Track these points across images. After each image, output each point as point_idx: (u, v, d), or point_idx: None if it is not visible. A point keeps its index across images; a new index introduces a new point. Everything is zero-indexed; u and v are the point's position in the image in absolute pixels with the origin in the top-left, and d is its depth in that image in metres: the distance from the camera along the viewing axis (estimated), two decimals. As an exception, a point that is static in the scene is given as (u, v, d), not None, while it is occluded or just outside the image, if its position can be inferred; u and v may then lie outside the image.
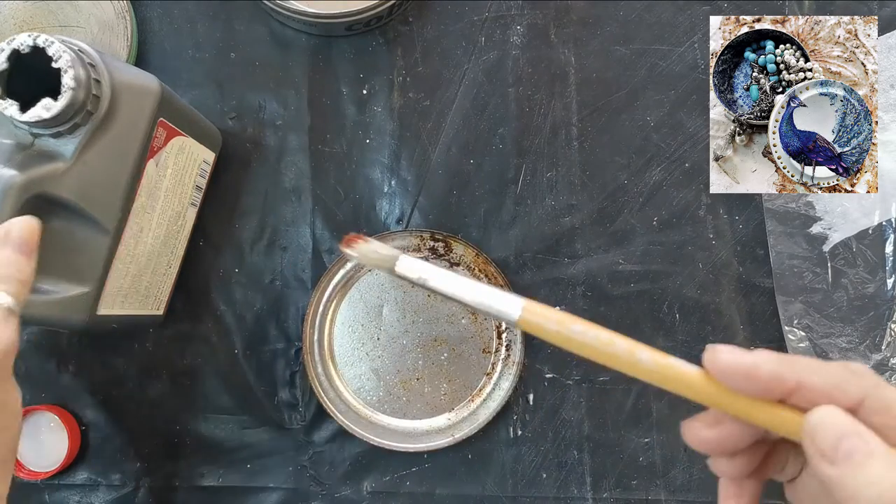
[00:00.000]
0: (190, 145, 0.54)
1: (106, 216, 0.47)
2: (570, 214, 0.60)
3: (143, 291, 0.54)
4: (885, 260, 0.57)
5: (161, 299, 0.58)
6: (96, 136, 0.45)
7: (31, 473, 0.58)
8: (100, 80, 0.44)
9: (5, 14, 0.58)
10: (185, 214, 0.57)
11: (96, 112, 0.44)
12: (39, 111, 0.42)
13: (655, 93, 0.60)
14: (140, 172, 0.49)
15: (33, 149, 0.44)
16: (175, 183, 0.54)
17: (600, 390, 0.59)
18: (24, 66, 0.43)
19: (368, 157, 0.60)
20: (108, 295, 0.50)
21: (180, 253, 0.59)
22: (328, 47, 0.60)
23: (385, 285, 0.60)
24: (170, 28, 0.60)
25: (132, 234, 0.50)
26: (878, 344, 0.57)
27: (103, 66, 0.45)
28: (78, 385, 0.60)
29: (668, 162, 0.59)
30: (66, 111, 0.42)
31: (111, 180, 0.47)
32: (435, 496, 0.59)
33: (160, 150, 0.50)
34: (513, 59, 0.60)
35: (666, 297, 0.59)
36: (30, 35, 0.42)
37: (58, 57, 0.42)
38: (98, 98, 0.44)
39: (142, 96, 0.47)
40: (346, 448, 0.59)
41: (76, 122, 0.43)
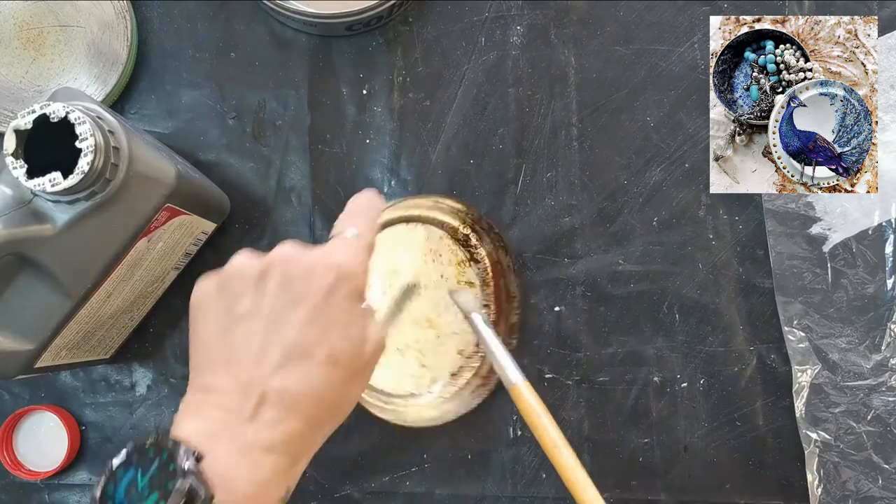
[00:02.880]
0: (191, 221, 0.53)
1: (76, 285, 0.46)
2: (570, 215, 0.60)
3: (92, 343, 0.53)
4: (884, 260, 0.57)
5: (112, 346, 0.57)
6: (94, 212, 0.44)
7: (31, 473, 0.58)
8: (118, 165, 0.43)
9: (5, 14, 0.58)
10: (166, 278, 0.56)
11: (101, 194, 0.43)
12: (45, 183, 0.41)
13: (655, 93, 0.60)
14: (128, 250, 0.47)
15: (30, 206, 0.43)
16: (163, 254, 0.52)
17: (600, 390, 0.59)
18: (52, 126, 0.42)
19: (368, 157, 0.60)
20: (50, 350, 0.48)
21: (148, 307, 0.58)
22: (328, 47, 0.60)
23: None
24: (170, 28, 0.60)
25: (99, 300, 0.49)
26: (878, 344, 0.57)
27: (126, 151, 0.43)
28: (77, 385, 0.60)
29: (668, 162, 0.59)
30: (70, 190, 0.41)
31: (95, 255, 0.46)
32: (434, 496, 0.59)
33: (157, 229, 0.49)
34: (513, 59, 0.60)
35: (666, 298, 0.59)
36: (64, 107, 0.41)
37: (83, 138, 0.41)
38: (109, 181, 0.43)
39: (154, 185, 0.46)
40: (345, 448, 0.59)
41: (77, 197, 0.42)
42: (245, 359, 0.39)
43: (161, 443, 0.36)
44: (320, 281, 0.41)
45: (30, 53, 0.58)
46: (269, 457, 0.38)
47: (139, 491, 0.35)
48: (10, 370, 0.47)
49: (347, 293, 0.41)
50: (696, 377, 0.59)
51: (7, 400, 0.60)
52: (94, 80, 0.58)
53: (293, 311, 0.40)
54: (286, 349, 0.39)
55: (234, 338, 0.40)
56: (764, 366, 0.58)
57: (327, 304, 0.40)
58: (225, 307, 0.41)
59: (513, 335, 0.59)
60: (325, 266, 0.41)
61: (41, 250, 0.43)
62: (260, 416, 0.38)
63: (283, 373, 0.39)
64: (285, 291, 0.40)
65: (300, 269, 0.41)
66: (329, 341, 0.40)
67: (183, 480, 0.34)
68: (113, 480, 0.36)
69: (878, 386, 0.56)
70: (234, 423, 0.38)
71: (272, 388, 0.39)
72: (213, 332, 0.41)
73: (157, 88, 0.60)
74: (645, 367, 0.59)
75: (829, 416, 0.57)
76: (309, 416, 0.40)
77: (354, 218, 0.46)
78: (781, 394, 0.58)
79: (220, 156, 0.60)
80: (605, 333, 0.59)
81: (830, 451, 0.56)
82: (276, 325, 0.40)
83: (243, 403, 0.38)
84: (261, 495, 0.38)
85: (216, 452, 0.37)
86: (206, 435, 0.37)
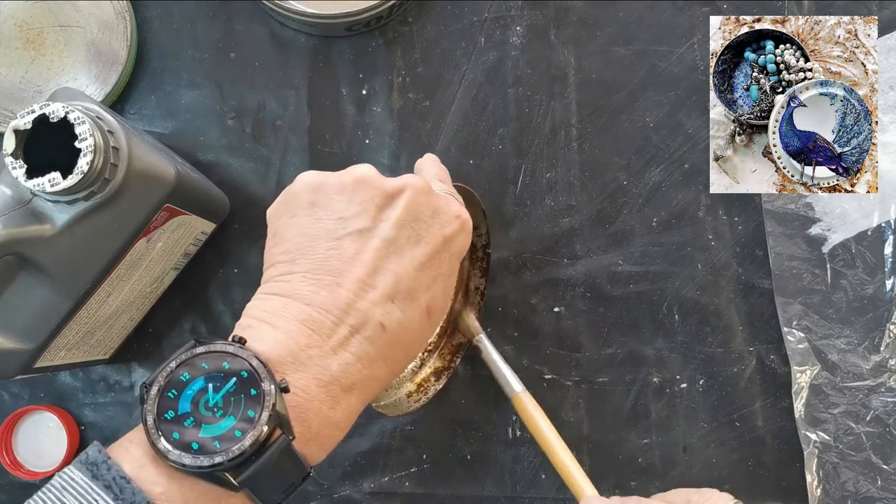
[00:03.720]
0: (190, 221, 0.53)
1: (76, 285, 0.46)
2: (570, 215, 0.60)
3: (91, 344, 0.53)
4: (884, 261, 0.57)
5: (111, 347, 0.57)
6: (93, 212, 0.43)
7: (30, 473, 0.58)
8: (117, 166, 0.43)
9: (5, 14, 0.58)
10: (165, 279, 0.56)
11: (101, 194, 0.43)
12: (44, 183, 0.41)
13: (655, 94, 0.60)
14: (127, 250, 0.47)
15: (29, 206, 0.43)
16: (163, 254, 0.52)
17: (599, 391, 0.59)
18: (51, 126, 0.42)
19: (368, 157, 0.60)
20: (49, 350, 0.48)
21: (147, 308, 0.58)
22: (328, 47, 0.60)
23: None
24: (170, 28, 0.60)
25: (98, 300, 0.49)
26: (877, 345, 0.57)
27: (125, 151, 0.43)
28: (77, 385, 0.60)
29: (668, 163, 0.59)
30: (69, 190, 0.41)
31: (94, 254, 0.45)
32: (434, 496, 0.59)
33: (157, 228, 0.48)
34: (512, 59, 0.60)
35: (665, 298, 0.59)
36: (64, 107, 0.41)
37: (83, 139, 0.41)
38: (108, 181, 0.43)
39: (153, 185, 0.46)
40: (345, 448, 0.59)
41: (77, 197, 0.42)
42: (351, 276, 0.36)
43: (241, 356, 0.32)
44: (445, 228, 0.39)
45: (29, 53, 0.58)
46: (346, 396, 0.35)
47: (210, 407, 0.32)
48: (9, 370, 0.47)
49: (459, 248, 0.40)
50: (696, 378, 0.59)
51: (6, 400, 0.60)
52: (94, 80, 0.58)
53: (413, 248, 0.38)
54: (397, 283, 0.36)
55: (345, 251, 0.36)
56: (763, 366, 0.58)
57: (441, 252, 0.38)
58: (339, 214, 0.37)
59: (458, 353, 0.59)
60: (452, 214, 0.39)
61: (40, 250, 0.43)
62: (349, 348, 0.35)
63: (387, 306, 0.36)
64: (410, 224, 0.38)
65: (430, 207, 0.39)
66: (433, 290, 0.38)
67: (267, 415, 0.31)
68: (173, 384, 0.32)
69: (878, 387, 0.56)
70: (321, 350, 0.35)
71: (372, 319, 0.36)
72: (318, 234, 0.37)
73: (157, 88, 0.60)
74: (644, 368, 0.59)
75: (828, 416, 0.57)
76: (394, 360, 0.37)
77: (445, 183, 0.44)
78: (780, 394, 0.58)
79: (219, 156, 0.60)
80: (604, 334, 0.59)
81: (829, 451, 0.56)
82: (394, 255, 0.37)
83: (336, 328, 0.35)
84: (329, 437, 0.35)
85: (298, 381, 0.34)
86: (291, 359, 0.34)
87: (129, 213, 0.45)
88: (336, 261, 0.36)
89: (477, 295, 0.58)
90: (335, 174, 0.39)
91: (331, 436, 0.35)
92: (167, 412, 0.32)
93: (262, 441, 0.31)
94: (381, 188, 0.38)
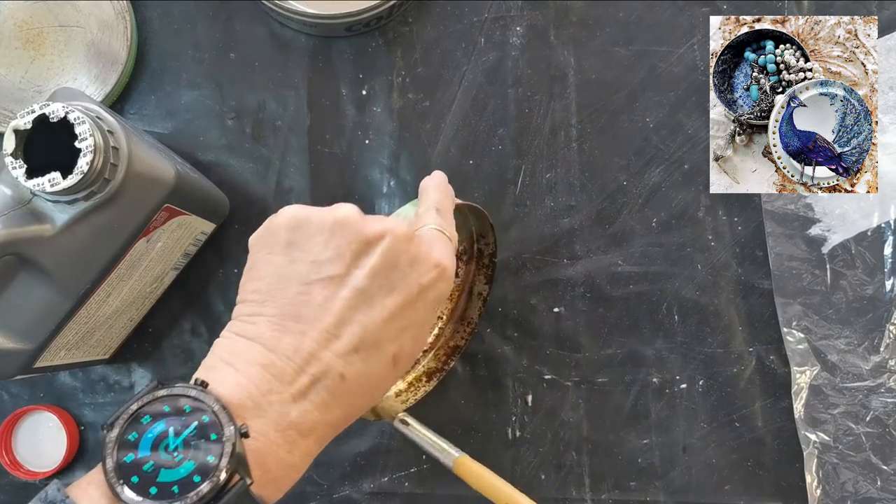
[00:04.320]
0: (190, 221, 0.52)
1: (75, 285, 0.46)
2: (570, 216, 0.60)
3: (91, 344, 0.53)
4: (883, 262, 0.57)
5: (111, 346, 0.57)
6: (93, 212, 0.43)
7: (30, 473, 0.58)
8: (117, 166, 0.43)
9: (5, 14, 0.58)
10: (165, 279, 0.56)
11: (101, 194, 0.43)
12: (44, 183, 0.41)
13: (655, 94, 0.60)
14: (127, 250, 0.47)
15: (29, 206, 0.43)
16: (162, 254, 0.52)
17: (599, 392, 0.59)
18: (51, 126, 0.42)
19: (368, 157, 0.60)
20: (49, 350, 0.48)
21: (147, 308, 0.57)
22: (328, 48, 0.60)
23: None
24: (170, 28, 0.60)
25: (98, 300, 0.49)
26: (877, 346, 0.57)
27: (125, 151, 0.43)
28: (76, 385, 0.60)
29: (668, 163, 0.59)
30: (69, 190, 0.41)
31: (94, 254, 0.45)
32: (434, 497, 0.59)
33: (156, 229, 0.48)
34: (512, 60, 0.60)
35: (665, 299, 0.59)
36: (64, 107, 0.41)
37: (82, 139, 0.41)
38: (108, 181, 0.43)
39: (154, 185, 0.46)
40: (344, 448, 0.59)
41: (76, 197, 0.42)
42: (317, 325, 0.36)
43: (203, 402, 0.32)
44: (423, 277, 0.38)
45: (29, 53, 0.58)
46: (303, 441, 0.35)
47: (170, 451, 0.32)
48: (9, 370, 0.47)
49: (437, 296, 0.39)
50: (696, 378, 0.59)
51: (6, 400, 0.60)
52: (94, 80, 0.58)
53: (385, 298, 0.37)
54: (363, 335, 0.36)
55: (314, 297, 0.36)
56: (763, 367, 0.58)
57: (416, 302, 0.38)
58: (313, 258, 0.37)
59: (453, 356, 0.59)
60: (432, 262, 0.38)
61: (40, 250, 0.43)
62: (309, 396, 0.35)
63: (349, 358, 0.36)
64: (386, 274, 0.37)
65: (409, 256, 0.38)
66: (401, 340, 0.38)
67: (227, 462, 0.31)
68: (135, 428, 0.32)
69: (877, 387, 0.56)
70: (281, 396, 0.35)
71: (333, 369, 0.35)
72: (289, 277, 0.37)
73: (157, 89, 0.60)
74: (644, 368, 0.59)
75: (827, 417, 0.57)
76: (352, 406, 0.37)
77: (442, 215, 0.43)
78: (780, 395, 0.58)
79: (219, 156, 0.60)
80: (604, 334, 0.59)
81: (829, 452, 0.56)
82: (364, 305, 0.36)
83: (297, 377, 0.35)
84: (286, 479, 0.35)
85: (258, 427, 0.34)
86: (252, 404, 0.34)
87: (129, 213, 0.45)
88: (304, 307, 0.36)
89: (479, 300, 0.58)
90: (317, 212, 0.38)
91: (287, 477, 0.35)
92: (127, 455, 0.32)
93: (221, 486, 0.31)
94: (360, 233, 0.37)
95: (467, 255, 0.58)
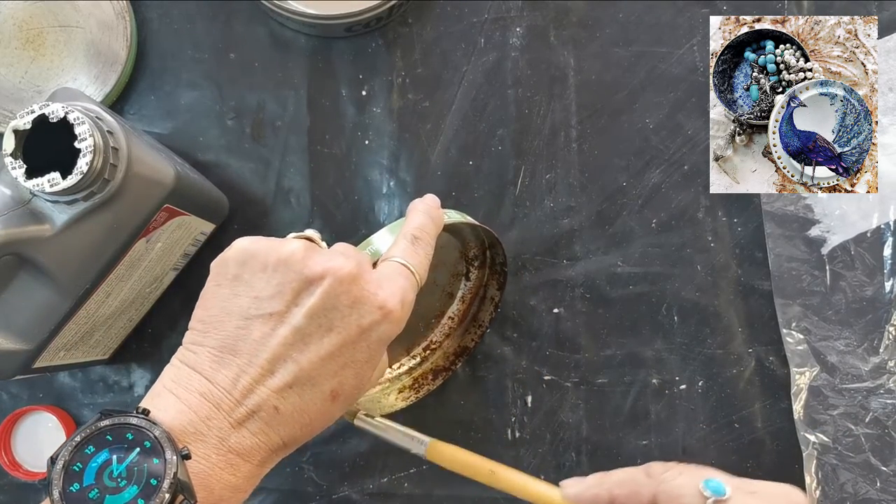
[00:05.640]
0: (190, 221, 0.53)
1: (75, 285, 0.46)
2: (569, 216, 0.60)
3: (90, 344, 0.53)
4: (883, 263, 0.57)
5: (111, 347, 0.57)
6: (93, 213, 0.43)
7: (29, 474, 0.58)
8: (117, 166, 0.43)
9: (5, 14, 0.58)
10: (164, 279, 0.56)
11: (100, 194, 0.43)
12: (44, 183, 0.41)
13: (655, 95, 0.60)
14: (127, 250, 0.47)
15: (28, 206, 0.43)
16: (162, 255, 0.52)
17: (599, 392, 0.59)
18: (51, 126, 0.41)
19: (367, 158, 0.60)
20: (49, 351, 0.48)
21: (147, 308, 0.57)
22: (327, 48, 0.60)
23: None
24: (169, 28, 0.60)
25: (97, 300, 0.49)
26: (876, 347, 0.57)
27: (125, 152, 0.43)
28: (76, 386, 0.60)
29: (667, 164, 0.59)
30: (69, 190, 0.41)
31: (93, 255, 0.45)
32: (433, 497, 0.59)
33: (156, 229, 0.48)
34: (512, 60, 0.60)
35: (665, 300, 0.59)
36: (63, 107, 0.41)
37: (82, 139, 0.41)
38: (108, 182, 0.43)
39: (153, 185, 0.46)
40: (344, 449, 0.59)
41: (76, 198, 0.42)
42: (253, 361, 0.37)
43: (144, 428, 0.34)
44: (362, 318, 0.38)
45: (29, 53, 0.58)
46: (245, 464, 0.37)
47: (114, 477, 0.33)
48: (8, 370, 0.47)
49: (382, 337, 0.39)
50: (695, 379, 0.59)
51: (5, 400, 0.60)
52: (94, 80, 0.58)
53: (323, 337, 0.38)
54: (298, 372, 0.37)
55: (252, 333, 0.38)
56: (762, 368, 0.58)
57: (357, 342, 0.39)
58: (256, 293, 0.38)
59: (461, 356, 0.59)
60: (375, 304, 0.39)
61: (40, 250, 0.43)
62: (246, 425, 0.37)
63: (284, 393, 0.37)
64: (325, 314, 0.38)
65: (351, 296, 0.38)
66: (340, 378, 0.39)
67: (169, 483, 0.33)
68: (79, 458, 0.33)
69: (877, 388, 0.56)
70: (221, 423, 0.36)
71: (270, 405, 0.37)
72: (232, 310, 0.38)
73: (157, 89, 0.60)
74: (644, 369, 0.59)
75: (827, 418, 0.56)
76: (291, 436, 0.38)
77: (418, 245, 0.43)
78: (780, 396, 0.58)
79: (219, 156, 0.60)
80: (603, 335, 0.59)
81: (828, 453, 0.56)
82: (299, 344, 0.38)
83: (235, 408, 0.37)
84: (232, 499, 0.37)
85: (199, 451, 0.35)
86: (193, 429, 0.36)
87: (129, 214, 0.45)
88: (242, 342, 0.38)
89: (491, 305, 0.58)
90: (265, 248, 0.39)
91: (233, 498, 0.37)
92: (72, 485, 0.33)
93: None
94: (301, 273, 0.38)
95: (479, 260, 0.58)
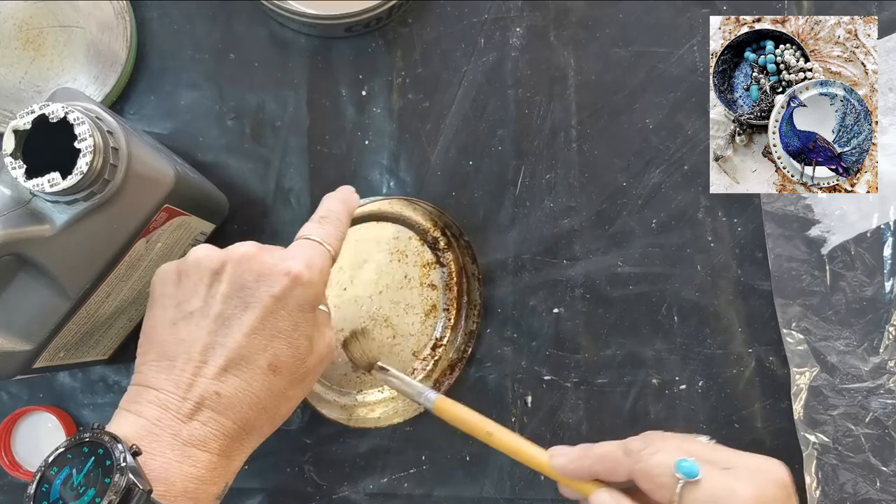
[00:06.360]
0: (190, 222, 0.53)
1: (75, 285, 0.46)
2: (569, 216, 0.60)
3: (90, 344, 0.53)
4: (883, 263, 0.57)
5: (111, 347, 0.57)
6: (93, 213, 0.43)
7: (29, 474, 0.58)
8: (116, 166, 0.43)
9: (5, 14, 0.58)
10: None
11: (100, 194, 0.43)
12: (44, 183, 0.41)
13: (655, 95, 0.60)
14: (127, 250, 0.47)
15: (28, 206, 0.43)
16: (162, 255, 0.52)
17: (599, 392, 0.59)
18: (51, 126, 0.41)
19: (367, 158, 0.60)
20: (48, 351, 0.48)
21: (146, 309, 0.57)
22: (327, 48, 0.60)
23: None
24: (169, 28, 0.60)
25: (97, 300, 0.49)
26: (876, 347, 0.57)
27: (125, 152, 0.43)
28: (76, 386, 0.60)
29: (667, 164, 0.59)
30: (69, 190, 0.41)
31: (94, 255, 0.45)
32: (433, 498, 0.59)
33: (156, 229, 0.49)
34: (512, 60, 0.60)
35: (664, 300, 0.59)
36: (63, 107, 0.41)
37: (82, 139, 0.41)
38: (108, 182, 0.43)
39: (153, 186, 0.46)
40: (343, 449, 0.59)
41: (76, 198, 0.42)
42: (188, 360, 0.40)
43: (97, 439, 0.37)
44: (272, 288, 0.41)
45: (29, 54, 0.58)
46: (204, 454, 0.39)
47: (75, 487, 0.36)
48: (8, 370, 0.47)
49: (299, 302, 0.42)
50: (695, 379, 0.59)
51: (5, 400, 0.60)
52: (94, 80, 0.58)
53: (241, 316, 0.41)
54: (228, 355, 0.40)
55: (180, 335, 0.41)
56: (762, 368, 0.58)
57: (276, 311, 0.41)
58: (177, 301, 0.42)
59: (470, 342, 0.59)
60: (280, 272, 0.41)
61: (40, 251, 0.43)
62: (197, 417, 0.39)
63: (223, 378, 0.40)
64: (236, 294, 0.41)
65: (254, 272, 0.41)
66: (272, 349, 0.41)
67: (120, 476, 0.35)
68: (46, 480, 0.36)
69: (877, 388, 0.56)
70: (171, 421, 0.39)
71: (211, 392, 0.40)
72: (162, 324, 0.42)
73: (157, 89, 0.60)
74: (643, 369, 0.59)
75: (827, 418, 0.57)
76: (245, 419, 0.41)
77: (324, 222, 0.46)
78: (780, 396, 0.58)
79: (219, 156, 0.60)
80: (603, 335, 0.59)
81: (828, 453, 0.56)
82: (223, 329, 0.41)
83: (182, 404, 0.39)
84: (198, 490, 0.39)
85: (154, 448, 0.38)
86: (145, 432, 0.38)
87: (129, 214, 0.45)
88: (175, 346, 0.41)
89: (475, 280, 0.59)
90: (173, 264, 0.43)
91: (200, 489, 0.39)
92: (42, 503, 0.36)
93: (121, 499, 0.35)
94: (208, 269, 0.42)
95: (443, 242, 0.58)
